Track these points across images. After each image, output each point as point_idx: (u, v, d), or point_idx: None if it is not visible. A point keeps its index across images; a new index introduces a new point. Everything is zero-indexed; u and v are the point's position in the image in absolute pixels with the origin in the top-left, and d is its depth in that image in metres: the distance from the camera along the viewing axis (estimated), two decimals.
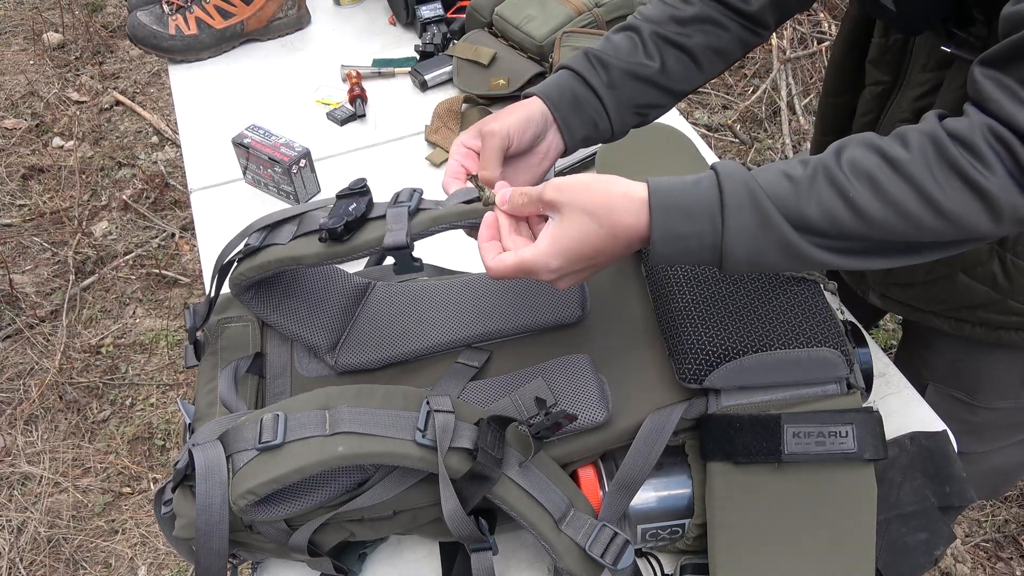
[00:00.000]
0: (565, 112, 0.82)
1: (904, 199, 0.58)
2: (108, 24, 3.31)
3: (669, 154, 1.08)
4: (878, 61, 0.89)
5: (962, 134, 0.58)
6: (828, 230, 0.60)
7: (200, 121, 1.37)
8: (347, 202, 0.77)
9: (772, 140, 2.61)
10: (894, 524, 0.77)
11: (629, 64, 0.84)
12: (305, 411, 0.70)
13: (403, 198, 0.76)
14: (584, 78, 0.83)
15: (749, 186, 0.61)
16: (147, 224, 2.50)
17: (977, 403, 1.01)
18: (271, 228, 0.79)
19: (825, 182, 0.60)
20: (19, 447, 1.97)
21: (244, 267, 0.78)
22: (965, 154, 0.57)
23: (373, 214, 0.75)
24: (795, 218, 0.60)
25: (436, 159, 1.24)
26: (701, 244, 0.62)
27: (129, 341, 2.20)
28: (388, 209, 0.75)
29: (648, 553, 0.81)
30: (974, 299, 0.90)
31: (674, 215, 0.62)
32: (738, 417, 0.76)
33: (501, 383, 0.82)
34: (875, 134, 0.62)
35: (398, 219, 0.73)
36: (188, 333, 0.88)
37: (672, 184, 0.63)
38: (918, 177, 0.58)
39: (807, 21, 2.87)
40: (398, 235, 0.72)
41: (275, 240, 0.77)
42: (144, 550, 1.79)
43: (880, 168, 0.59)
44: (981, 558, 1.71)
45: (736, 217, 0.60)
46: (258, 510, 0.70)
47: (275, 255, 0.76)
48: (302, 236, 0.76)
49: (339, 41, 1.53)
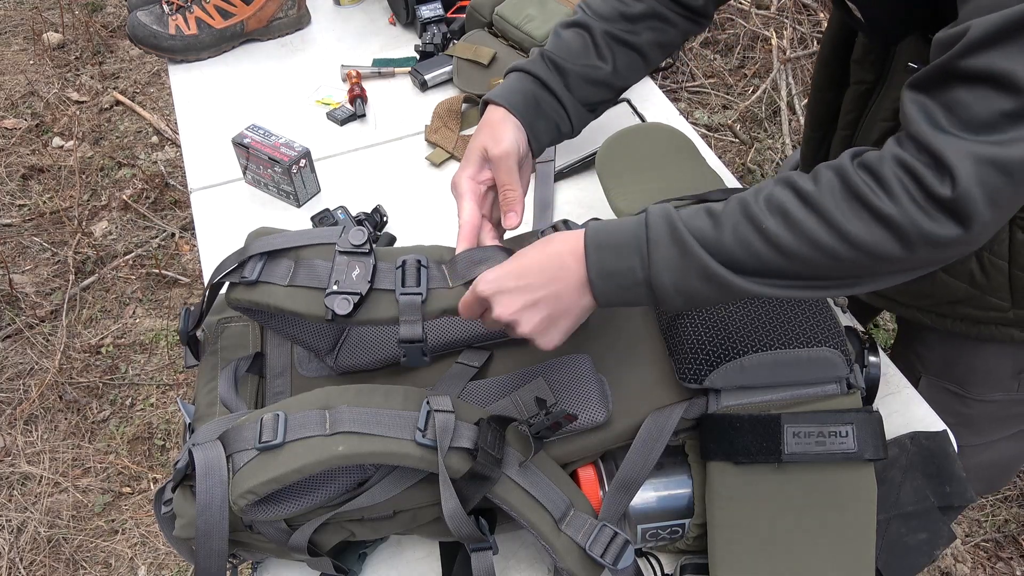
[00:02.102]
0: (532, 119, 0.84)
1: (813, 229, 0.60)
2: (108, 24, 3.31)
3: (669, 154, 1.08)
4: (862, 61, 0.90)
5: (870, 164, 0.60)
6: (747, 261, 0.63)
7: (200, 121, 1.37)
8: (349, 264, 0.75)
9: (772, 140, 2.61)
10: (894, 524, 0.77)
11: (583, 68, 0.86)
12: (305, 411, 0.70)
13: (410, 279, 0.75)
14: (544, 83, 0.85)
15: (670, 220, 0.64)
16: (147, 224, 2.50)
17: (970, 395, 1.01)
18: (268, 257, 0.76)
19: (741, 215, 0.63)
20: (19, 447, 1.97)
21: (241, 295, 0.76)
22: (870, 183, 0.59)
23: (379, 284, 0.75)
24: (714, 249, 0.63)
25: (436, 159, 1.24)
26: (634, 279, 0.65)
27: (129, 341, 2.20)
28: (398, 294, 0.74)
29: (648, 553, 0.81)
30: (954, 295, 0.91)
31: (605, 252, 0.66)
32: (738, 417, 0.76)
33: (501, 383, 0.82)
34: (796, 173, 0.64)
35: (411, 310, 0.74)
36: (181, 334, 0.88)
37: (606, 224, 0.67)
38: (824, 208, 0.60)
39: (807, 21, 2.87)
40: (414, 329, 0.74)
41: (272, 277, 0.75)
42: (144, 550, 1.79)
43: (791, 201, 0.61)
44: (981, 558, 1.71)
45: (658, 250, 0.64)
46: (258, 510, 0.70)
47: (275, 301, 0.75)
48: (303, 289, 0.75)
49: (339, 41, 1.53)
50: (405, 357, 0.76)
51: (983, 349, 0.97)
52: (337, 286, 0.74)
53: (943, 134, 0.57)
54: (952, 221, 0.57)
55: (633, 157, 1.07)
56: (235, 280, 0.76)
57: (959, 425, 0.93)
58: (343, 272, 0.75)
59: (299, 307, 0.74)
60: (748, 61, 2.92)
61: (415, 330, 0.73)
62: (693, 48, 2.95)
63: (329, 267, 0.75)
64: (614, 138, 1.10)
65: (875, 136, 0.88)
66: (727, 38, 2.99)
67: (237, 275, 0.76)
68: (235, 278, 0.76)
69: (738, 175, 2.49)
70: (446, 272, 0.76)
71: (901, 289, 0.96)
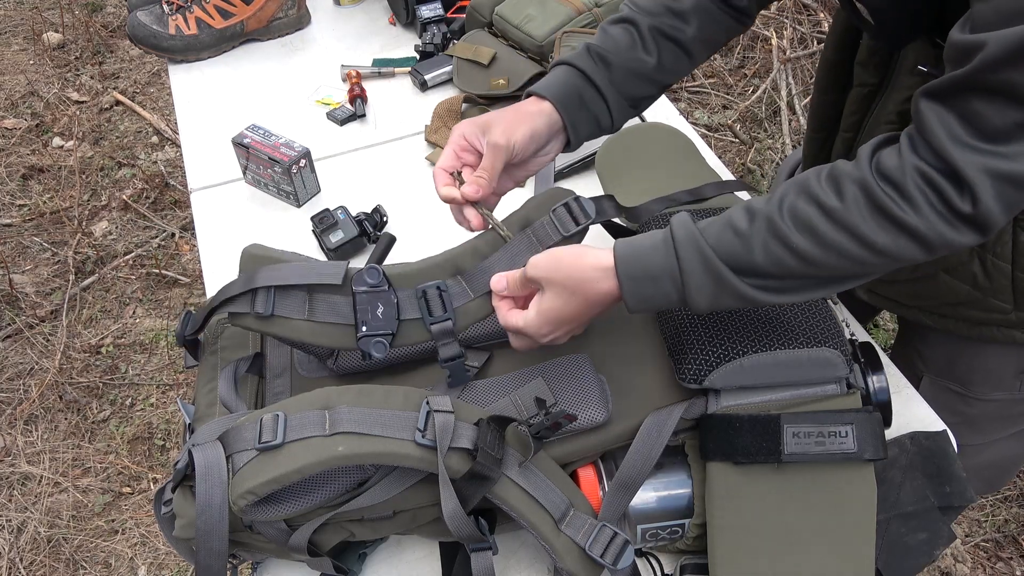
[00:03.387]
0: (573, 113, 0.84)
1: (842, 243, 0.64)
2: (108, 24, 3.31)
3: (669, 154, 1.08)
4: (866, 63, 0.89)
5: (893, 176, 0.62)
6: (776, 273, 0.66)
7: (200, 121, 1.37)
8: (371, 302, 0.77)
9: (772, 140, 2.61)
10: (894, 524, 0.77)
11: (629, 60, 0.86)
12: (305, 411, 0.70)
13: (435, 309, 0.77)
14: (588, 76, 0.85)
15: (700, 249, 0.67)
16: (147, 224, 2.50)
17: (972, 395, 1.01)
18: (278, 291, 0.77)
19: (769, 234, 0.65)
20: (19, 447, 1.97)
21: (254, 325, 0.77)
22: (894, 196, 0.62)
23: (406, 315, 0.78)
24: (746, 270, 0.66)
25: (436, 159, 1.24)
26: (669, 301, 0.69)
27: (129, 341, 2.20)
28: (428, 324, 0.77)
29: (648, 553, 0.81)
30: (956, 297, 0.91)
31: (642, 283, 0.69)
32: (738, 417, 0.76)
33: (501, 383, 0.82)
34: (815, 181, 0.66)
35: (445, 335, 0.77)
36: (177, 336, 0.88)
37: (635, 252, 0.70)
38: (852, 223, 0.63)
39: (807, 21, 2.87)
40: (451, 348, 0.78)
41: (287, 311, 0.76)
42: (144, 550, 1.79)
43: (817, 217, 0.64)
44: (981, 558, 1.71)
45: (692, 279, 0.67)
46: (258, 510, 0.70)
47: (296, 335, 0.76)
48: (328, 324, 0.76)
49: (339, 41, 1.53)
50: (450, 377, 0.80)
51: (985, 349, 0.97)
52: (366, 327, 0.76)
53: (960, 147, 0.59)
54: (973, 231, 0.62)
55: (633, 157, 1.07)
56: (245, 311, 0.77)
57: (961, 424, 0.93)
58: (367, 312, 0.76)
59: (326, 343, 0.77)
60: (748, 61, 2.92)
61: (453, 350, 0.77)
62: None
63: (346, 302, 0.77)
64: (614, 138, 1.10)
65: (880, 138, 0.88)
66: None
67: (246, 305, 0.77)
68: (244, 308, 0.77)
69: (738, 175, 2.49)
70: (465, 285, 0.79)
71: (902, 290, 0.97)
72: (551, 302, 0.71)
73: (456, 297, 0.78)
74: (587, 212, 0.79)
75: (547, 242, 0.78)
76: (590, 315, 0.73)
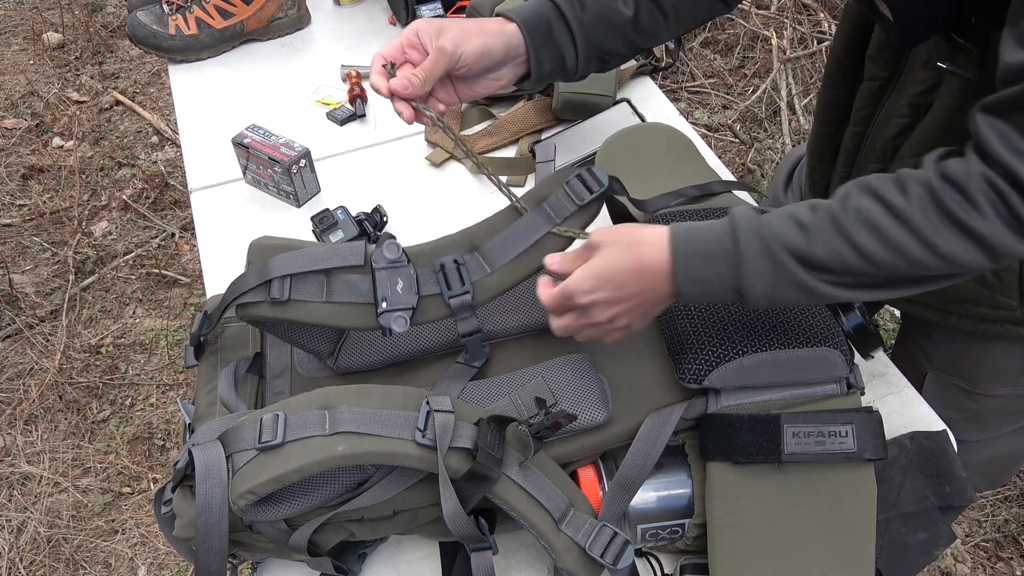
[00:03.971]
0: (538, 41, 0.84)
1: (905, 244, 0.63)
2: (108, 24, 3.31)
3: (669, 154, 1.08)
4: (877, 57, 0.89)
5: (959, 181, 0.62)
6: (836, 269, 0.65)
7: (200, 121, 1.37)
8: (390, 277, 0.76)
9: (772, 140, 2.61)
10: (894, 524, 0.77)
11: (605, 7, 0.86)
12: (305, 411, 0.70)
13: (454, 283, 0.77)
14: (561, 10, 0.85)
15: (760, 233, 0.66)
16: (147, 224, 2.50)
17: (977, 391, 1.01)
18: (294, 278, 0.76)
19: (832, 228, 0.65)
20: (19, 447, 1.97)
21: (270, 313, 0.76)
22: (960, 201, 0.62)
23: (425, 291, 0.77)
24: (806, 260, 0.66)
25: (436, 159, 1.24)
26: (722, 286, 0.68)
27: (129, 341, 2.20)
28: (447, 298, 0.77)
29: (648, 553, 0.81)
30: (963, 294, 0.91)
31: (695, 260, 0.67)
32: (738, 417, 0.76)
33: (501, 383, 0.82)
34: (878, 178, 0.66)
35: (464, 309, 0.78)
36: (192, 336, 0.87)
37: (691, 229, 0.69)
38: (917, 224, 0.63)
39: (807, 21, 2.87)
40: (470, 323, 0.79)
41: (304, 295, 0.75)
42: (144, 550, 1.79)
43: (882, 216, 0.64)
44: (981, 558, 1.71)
45: (751, 263, 0.66)
46: (258, 510, 0.70)
47: (315, 318, 0.75)
48: (347, 304, 0.76)
49: (339, 41, 1.53)
50: (467, 353, 0.80)
51: (991, 345, 0.97)
52: (387, 303, 0.75)
53: (1021, 158, 0.60)
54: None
55: (633, 157, 1.07)
56: (259, 299, 0.76)
57: (965, 420, 0.93)
58: (387, 288, 0.76)
59: (348, 323, 0.76)
60: (748, 61, 2.92)
61: (471, 324, 0.78)
62: (693, 48, 2.95)
63: (364, 280, 0.76)
64: (614, 138, 1.10)
65: (890, 132, 0.87)
66: (727, 38, 2.99)
67: (262, 294, 0.76)
68: (260, 297, 0.76)
69: (738, 175, 2.49)
70: (481, 261, 0.78)
71: None
72: (601, 259, 0.69)
73: (474, 271, 0.78)
74: (600, 180, 0.79)
75: (563, 214, 0.78)
76: (636, 289, 0.69)
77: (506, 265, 0.78)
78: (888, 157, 0.88)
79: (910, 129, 0.85)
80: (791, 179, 1.23)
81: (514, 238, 0.78)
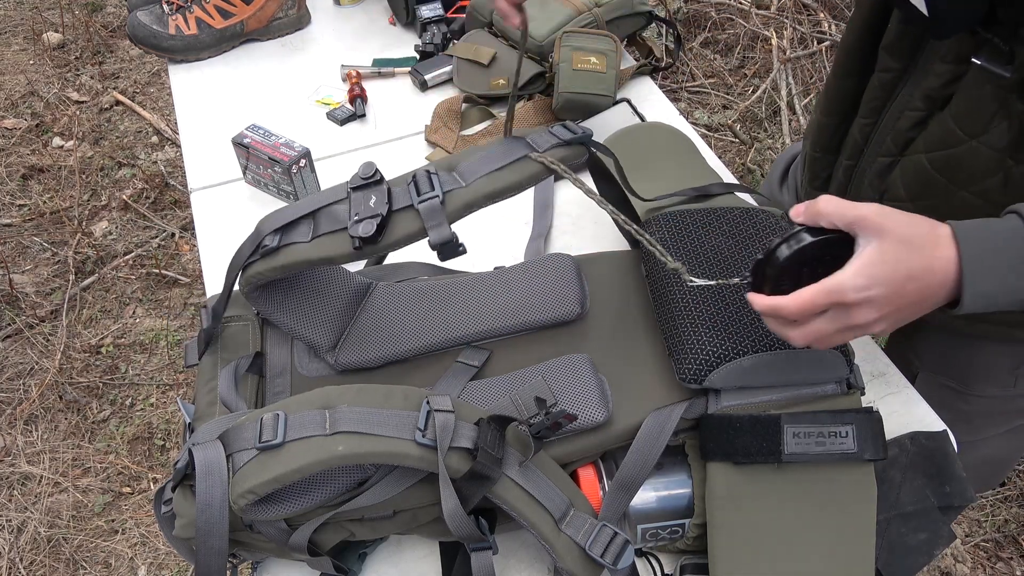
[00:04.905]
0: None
1: None
2: (108, 24, 3.31)
3: (669, 154, 1.08)
4: (892, 48, 0.87)
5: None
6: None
7: (200, 121, 1.37)
8: (364, 195, 0.76)
9: (772, 140, 2.61)
10: (894, 524, 0.77)
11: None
12: (305, 411, 0.70)
13: (423, 186, 0.75)
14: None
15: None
16: (147, 224, 2.50)
17: (968, 391, 1.00)
18: (285, 229, 0.77)
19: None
20: (19, 447, 1.97)
21: (263, 267, 0.77)
22: None
23: (397, 205, 0.76)
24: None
25: (436, 159, 1.24)
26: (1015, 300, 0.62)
27: (129, 341, 2.20)
28: (417, 203, 0.75)
29: (648, 553, 0.81)
30: None
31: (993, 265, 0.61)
32: (738, 417, 0.76)
33: (501, 383, 0.82)
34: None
35: (433, 214, 0.74)
36: (203, 332, 0.87)
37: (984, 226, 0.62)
38: None
39: (807, 21, 2.87)
40: (442, 231, 0.73)
41: (293, 239, 0.76)
42: (144, 550, 1.79)
43: None
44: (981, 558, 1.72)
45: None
46: (258, 510, 0.70)
47: (302, 256, 0.75)
48: (326, 235, 0.75)
49: (339, 41, 1.53)
50: (441, 255, 0.76)
51: (981, 345, 0.97)
52: (358, 216, 0.74)
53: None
54: None
55: (633, 157, 1.07)
56: (255, 257, 0.77)
57: (956, 421, 0.93)
58: (360, 204, 0.75)
59: (326, 252, 0.75)
60: (748, 61, 2.92)
61: (444, 232, 0.73)
62: (693, 48, 2.95)
63: (347, 209, 0.76)
64: (614, 138, 1.10)
65: (904, 125, 0.86)
66: (727, 38, 2.99)
67: (258, 252, 0.77)
68: (256, 256, 0.77)
69: (738, 175, 2.49)
70: (456, 177, 0.77)
71: None
72: (882, 253, 0.60)
73: (447, 183, 0.76)
74: (584, 129, 0.79)
75: (543, 146, 0.77)
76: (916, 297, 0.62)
77: (480, 178, 0.76)
78: (899, 151, 0.87)
79: (924, 123, 0.84)
80: (786, 176, 1.22)
81: (491, 157, 0.77)
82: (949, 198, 0.83)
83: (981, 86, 0.76)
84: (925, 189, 0.84)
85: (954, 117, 0.79)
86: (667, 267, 0.74)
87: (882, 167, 0.89)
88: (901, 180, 0.87)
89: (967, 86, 0.77)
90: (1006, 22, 0.70)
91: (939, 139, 0.81)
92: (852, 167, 0.94)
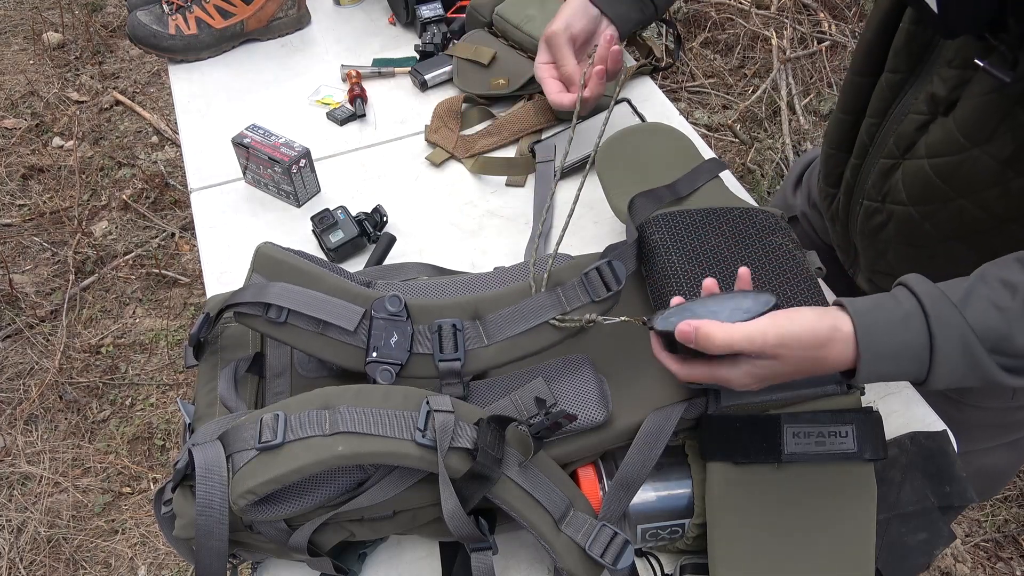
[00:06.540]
0: (615, 3, 1.02)
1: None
2: (108, 24, 3.31)
3: (669, 154, 1.08)
4: (901, 49, 0.87)
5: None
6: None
7: (200, 121, 1.37)
8: (386, 328, 0.77)
9: (772, 140, 2.61)
10: (894, 524, 0.77)
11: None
12: (305, 411, 0.70)
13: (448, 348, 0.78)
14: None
15: (962, 334, 0.64)
16: (147, 224, 2.50)
17: (966, 401, 1.00)
18: (291, 312, 0.77)
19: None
20: (19, 447, 1.97)
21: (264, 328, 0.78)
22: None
23: (418, 349, 0.78)
24: (1000, 347, 0.64)
25: (436, 159, 1.24)
26: (904, 378, 0.67)
27: (129, 341, 2.20)
28: (437, 360, 0.78)
29: (648, 553, 0.81)
30: None
31: (884, 360, 0.65)
32: (738, 417, 0.76)
33: (501, 383, 0.82)
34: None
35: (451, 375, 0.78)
36: (191, 337, 0.88)
37: (878, 325, 0.66)
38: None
39: (807, 21, 2.87)
40: (455, 389, 0.78)
41: (300, 323, 0.77)
42: (144, 550, 1.79)
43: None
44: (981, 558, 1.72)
45: (946, 363, 0.64)
46: (258, 510, 0.70)
47: (306, 347, 0.77)
48: (339, 343, 0.77)
49: (339, 41, 1.53)
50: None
51: None
52: (377, 353, 0.76)
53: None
54: None
55: (633, 157, 1.07)
56: (258, 314, 0.78)
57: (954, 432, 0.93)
58: (380, 338, 0.77)
59: (336, 360, 0.77)
60: (748, 61, 2.92)
61: (456, 391, 0.78)
62: (693, 48, 2.95)
63: (362, 325, 0.77)
64: (614, 138, 1.10)
65: (907, 128, 0.86)
66: (727, 38, 2.99)
67: (259, 309, 0.78)
68: (258, 311, 0.78)
69: (738, 175, 2.49)
70: (481, 330, 0.79)
71: None
72: (775, 369, 0.67)
73: (471, 340, 0.79)
74: (619, 278, 0.79)
75: (574, 303, 0.79)
76: (809, 372, 0.68)
77: (504, 341, 0.79)
78: (901, 154, 0.87)
79: (926, 127, 0.84)
80: (800, 182, 1.22)
81: (518, 316, 0.79)
82: (948, 205, 0.83)
83: (986, 94, 0.76)
84: (926, 194, 0.84)
85: (957, 123, 0.79)
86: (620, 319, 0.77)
87: (885, 168, 0.89)
88: (903, 183, 0.87)
89: (972, 93, 0.77)
90: (1014, 30, 0.70)
91: (941, 144, 0.81)
92: (859, 166, 0.94)
